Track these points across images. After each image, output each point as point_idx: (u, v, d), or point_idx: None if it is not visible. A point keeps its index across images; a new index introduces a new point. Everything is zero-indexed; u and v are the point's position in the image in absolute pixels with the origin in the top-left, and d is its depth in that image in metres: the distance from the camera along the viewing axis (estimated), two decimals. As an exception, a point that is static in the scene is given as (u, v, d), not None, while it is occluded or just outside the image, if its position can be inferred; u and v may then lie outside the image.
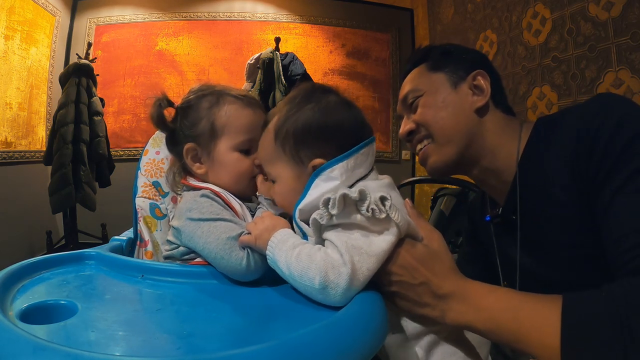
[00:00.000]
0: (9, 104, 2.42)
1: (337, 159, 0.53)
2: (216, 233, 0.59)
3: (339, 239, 0.48)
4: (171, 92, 3.27)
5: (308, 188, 0.53)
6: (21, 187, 2.52)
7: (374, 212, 0.47)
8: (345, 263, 0.46)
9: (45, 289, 0.53)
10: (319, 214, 0.48)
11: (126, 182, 1.26)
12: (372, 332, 0.43)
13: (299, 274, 0.47)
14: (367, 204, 0.48)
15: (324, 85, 0.60)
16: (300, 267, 0.47)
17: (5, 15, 2.34)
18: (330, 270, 0.46)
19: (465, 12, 2.56)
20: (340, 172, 0.53)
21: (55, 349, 0.34)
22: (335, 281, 0.46)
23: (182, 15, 3.16)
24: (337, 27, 3.30)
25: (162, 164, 0.94)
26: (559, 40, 1.77)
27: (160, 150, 0.95)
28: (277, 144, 0.57)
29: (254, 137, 0.72)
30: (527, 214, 0.63)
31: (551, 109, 1.84)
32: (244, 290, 0.57)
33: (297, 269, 0.48)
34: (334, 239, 0.48)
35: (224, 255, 0.56)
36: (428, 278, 0.50)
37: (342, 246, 0.47)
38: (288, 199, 0.57)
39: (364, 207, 0.48)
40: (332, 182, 0.52)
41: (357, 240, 0.48)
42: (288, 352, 0.36)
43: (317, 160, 0.55)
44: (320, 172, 0.53)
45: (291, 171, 0.57)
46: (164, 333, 0.43)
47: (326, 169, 0.53)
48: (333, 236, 0.49)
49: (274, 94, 2.32)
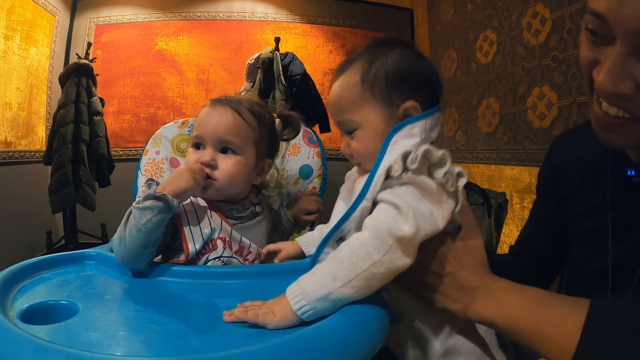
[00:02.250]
0: (8, 104, 2.42)
1: (420, 115, 0.51)
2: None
3: (397, 195, 0.46)
4: (171, 92, 3.29)
5: (386, 145, 0.50)
6: (21, 187, 2.52)
7: (447, 182, 0.46)
8: (406, 217, 0.44)
9: (46, 289, 0.53)
10: (394, 166, 0.46)
11: (126, 182, 1.27)
12: (372, 333, 0.43)
13: (351, 272, 0.43)
14: (445, 170, 0.46)
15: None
16: (345, 263, 0.44)
17: (5, 15, 2.34)
18: (386, 233, 0.43)
19: (465, 12, 2.56)
20: (420, 130, 0.51)
21: (56, 350, 0.34)
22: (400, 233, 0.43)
23: (182, 15, 3.16)
24: (337, 27, 3.30)
25: (162, 164, 0.94)
26: (559, 40, 1.77)
27: (160, 150, 0.95)
28: (364, 87, 0.54)
29: (202, 133, 0.74)
30: None
31: (551, 109, 1.84)
32: (244, 289, 0.57)
33: (343, 272, 0.43)
34: (393, 198, 0.45)
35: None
36: (456, 269, 0.50)
37: (402, 204, 0.45)
38: (371, 146, 0.53)
39: (440, 172, 0.46)
40: (412, 140, 0.50)
41: (419, 203, 0.46)
42: (288, 352, 0.36)
43: (410, 102, 0.52)
44: (400, 127, 0.50)
45: (380, 115, 0.53)
46: (164, 333, 0.43)
47: (407, 125, 0.50)
48: (391, 196, 0.46)
49: (273, 93, 2.32)
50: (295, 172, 0.98)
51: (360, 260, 0.43)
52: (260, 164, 0.79)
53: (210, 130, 0.72)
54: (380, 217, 0.46)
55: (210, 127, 0.73)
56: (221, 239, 0.68)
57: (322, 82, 3.16)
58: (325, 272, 0.44)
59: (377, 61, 0.54)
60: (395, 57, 0.54)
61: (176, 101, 3.06)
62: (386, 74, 0.53)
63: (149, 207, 0.60)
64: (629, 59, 0.41)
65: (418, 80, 0.54)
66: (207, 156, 0.71)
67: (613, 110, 0.45)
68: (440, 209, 0.47)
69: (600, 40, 0.44)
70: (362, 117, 0.54)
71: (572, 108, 1.71)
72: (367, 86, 0.53)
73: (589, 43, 0.45)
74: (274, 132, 0.84)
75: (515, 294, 0.47)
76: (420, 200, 0.46)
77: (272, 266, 0.67)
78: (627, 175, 0.57)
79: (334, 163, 2.86)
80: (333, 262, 0.45)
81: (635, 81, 0.41)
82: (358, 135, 0.55)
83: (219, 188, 0.72)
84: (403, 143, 0.49)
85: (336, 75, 0.57)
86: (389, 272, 0.44)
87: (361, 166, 0.58)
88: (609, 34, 0.41)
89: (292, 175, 0.98)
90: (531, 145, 1.99)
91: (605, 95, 0.45)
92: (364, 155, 0.55)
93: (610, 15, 0.40)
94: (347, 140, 0.57)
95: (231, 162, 0.72)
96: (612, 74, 0.42)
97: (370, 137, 0.54)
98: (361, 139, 0.55)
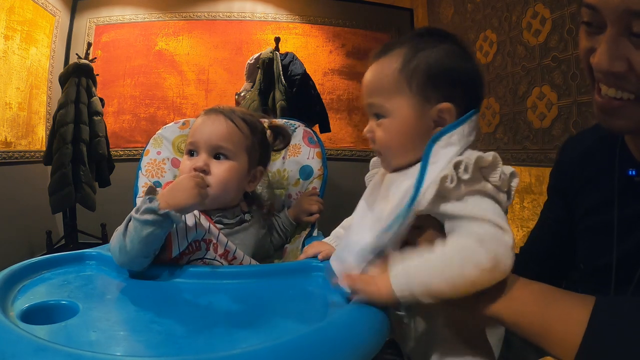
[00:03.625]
0: (8, 104, 2.42)
1: (457, 122, 0.50)
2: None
3: (480, 208, 0.45)
4: (171, 92, 3.28)
5: (427, 156, 0.48)
6: (21, 187, 2.52)
7: (502, 183, 0.46)
8: (505, 230, 0.44)
9: (46, 289, 0.53)
10: (449, 177, 0.45)
11: (126, 182, 1.27)
12: (373, 332, 0.43)
13: (457, 273, 0.43)
14: (498, 172, 0.46)
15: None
16: (455, 264, 0.44)
17: (5, 15, 2.34)
18: (495, 244, 0.43)
19: (465, 12, 2.56)
20: (459, 137, 0.49)
21: (56, 350, 0.34)
22: (504, 253, 0.43)
23: (182, 15, 3.16)
24: (336, 27, 3.30)
25: (163, 164, 0.94)
26: (559, 40, 1.77)
27: (161, 150, 0.95)
28: (401, 76, 0.52)
29: (195, 140, 0.75)
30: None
31: (551, 109, 1.84)
32: (244, 289, 0.57)
33: (450, 271, 0.44)
34: (472, 210, 0.45)
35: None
36: None
37: (488, 213, 0.45)
38: (396, 141, 0.52)
39: (495, 175, 0.46)
40: (451, 148, 0.48)
41: (493, 206, 0.46)
42: (288, 352, 0.36)
43: (445, 104, 0.51)
44: (439, 137, 0.49)
45: (412, 109, 0.51)
46: (164, 333, 0.43)
47: (445, 134, 0.49)
48: (466, 208, 0.46)
49: (273, 93, 2.32)
50: (295, 172, 0.98)
51: (469, 265, 0.43)
52: (252, 171, 0.80)
53: (204, 137, 0.74)
54: (478, 227, 0.45)
55: (204, 134, 0.74)
56: (205, 241, 0.69)
57: (322, 82, 3.16)
58: (433, 265, 0.45)
59: (421, 52, 0.52)
60: (440, 51, 0.52)
61: (176, 101, 3.06)
62: (427, 68, 0.51)
63: (150, 221, 0.58)
64: (620, 39, 0.45)
65: (459, 80, 0.52)
66: (200, 162, 0.73)
67: (612, 91, 0.48)
68: (501, 207, 0.48)
69: (595, 30, 0.48)
70: (394, 107, 0.52)
71: (572, 108, 1.71)
72: (404, 76, 0.52)
73: (586, 34, 0.50)
74: (265, 141, 0.85)
75: (522, 289, 0.47)
76: (489, 203, 0.46)
77: (272, 266, 0.67)
78: (630, 175, 0.58)
79: (334, 163, 2.87)
80: (442, 259, 0.45)
81: (627, 60, 0.45)
82: (385, 125, 0.53)
83: (212, 195, 0.71)
84: (444, 153, 0.48)
85: (375, 57, 0.55)
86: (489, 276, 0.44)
87: (382, 157, 0.56)
88: (602, 22, 0.46)
89: (293, 176, 0.98)
90: (531, 145, 1.99)
91: (602, 77, 0.48)
92: (386, 148, 0.54)
93: (599, 4, 0.45)
94: (372, 124, 0.55)
95: (224, 167, 0.74)
96: (606, 54, 0.46)
97: (396, 129, 0.52)
98: (387, 130, 0.53)
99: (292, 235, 0.93)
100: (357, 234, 0.54)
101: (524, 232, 1.95)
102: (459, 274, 0.43)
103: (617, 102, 0.48)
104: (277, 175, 0.99)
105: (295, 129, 1.02)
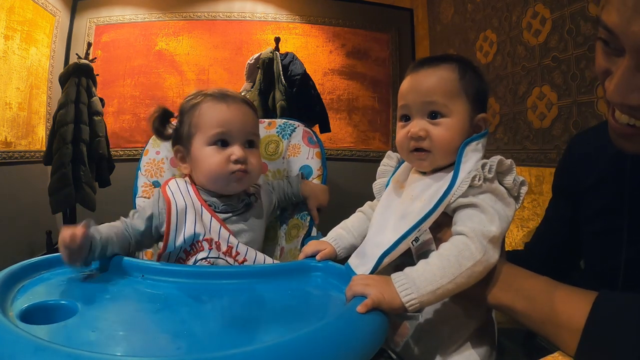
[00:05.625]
0: (8, 104, 2.42)
1: (482, 134, 0.59)
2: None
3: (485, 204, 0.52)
4: (171, 92, 3.28)
5: (461, 156, 0.56)
6: (21, 187, 2.52)
7: (513, 188, 0.54)
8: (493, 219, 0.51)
9: (46, 289, 0.53)
10: (478, 175, 0.52)
11: (126, 182, 1.27)
12: (371, 333, 0.43)
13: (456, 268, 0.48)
14: (512, 177, 0.54)
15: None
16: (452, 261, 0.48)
17: (5, 15, 2.34)
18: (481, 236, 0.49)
19: (465, 12, 2.56)
20: (482, 145, 0.58)
21: (55, 349, 0.34)
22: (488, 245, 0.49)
23: (182, 15, 3.15)
24: (336, 27, 3.30)
25: (162, 164, 0.94)
26: (559, 40, 1.77)
27: (160, 150, 0.96)
28: (461, 85, 0.59)
29: (228, 130, 0.75)
30: None
31: (551, 109, 1.84)
32: (243, 289, 0.57)
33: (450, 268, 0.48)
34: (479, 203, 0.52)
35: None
36: None
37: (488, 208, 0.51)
38: (455, 138, 0.58)
39: (509, 179, 0.54)
40: (477, 154, 0.57)
41: (497, 205, 0.52)
42: (288, 352, 0.36)
43: (484, 114, 0.61)
44: (471, 141, 0.57)
45: (466, 114, 0.59)
46: (164, 333, 0.43)
47: (474, 140, 0.57)
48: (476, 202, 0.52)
49: (273, 93, 2.31)
50: (295, 172, 0.98)
51: (465, 260, 0.48)
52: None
53: (238, 127, 0.76)
54: (474, 221, 0.51)
55: (237, 124, 0.76)
56: (207, 241, 0.69)
57: (322, 82, 3.16)
58: (434, 269, 0.48)
59: (469, 70, 0.60)
60: (479, 73, 0.62)
61: (176, 101, 3.05)
62: (476, 84, 0.60)
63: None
64: (637, 73, 0.42)
65: (486, 98, 0.62)
66: (240, 152, 0.75)
67: (625, 118, 0.47)
68: (509, 209, 0.54)
69: (612, 51, 0.45)
70: (455, 108, 0.58)
71: (572, 108, 1.71)
72: (462, 85, 0.59)
73: (602, 53, 0.47)
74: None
75: (529, 279, 0.50)
76: (496, 203, 0.53)
77: (271, 266, 0.67)
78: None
79: (334, 163, 2.88)
80: (441, 260, 0.48)
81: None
82: (446, 124, 0.58)
83: (251, 180, 0.79)
84: (471, 156, 0.56)
85: (425, 65, 0.61)
86: (485, 269, 0.49)
87: (428, 155, 0.59)
88: (620, 46, 0.43)
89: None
90: (531, 145, 1.99)
91: (615, 106, 0.48)
92: (442, 146, 0.58)
93: (619, 31, 0.41)
94: (424, 123, 0.59)
95: (256, 155, 0.79)
96: (620, 87, 0.44)
97: (456, 128, 0.58)
98: (449, 128, 0.58)
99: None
100: (382, 234, 0.57)
101: (524, 232, 1.95)
102: (457, 269, 0.47)
103: (630, 129, 0.47)
104: (277, 175, 0.99)
105: (295, 129, 1.02)
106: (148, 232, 0.72)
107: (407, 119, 0.61)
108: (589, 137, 0.73)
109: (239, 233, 0.74)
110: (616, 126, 0.49)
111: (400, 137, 0.61)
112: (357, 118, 3.23)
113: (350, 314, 0.44)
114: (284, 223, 0.95)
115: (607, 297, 0.43)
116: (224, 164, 0.73)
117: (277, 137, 1.01)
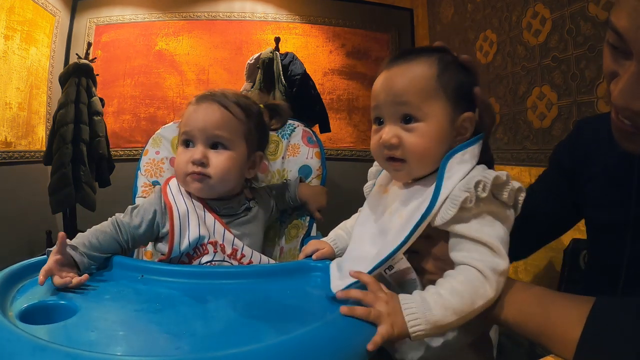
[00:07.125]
0: (8, 104, 2.42)
1: (471, 141, 0.52)
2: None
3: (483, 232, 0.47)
4: (171, 92, 3.29)
5: (443, 170, 0.50)
6: (21, 187, 2.52)
7: (509, 198, 0.49)
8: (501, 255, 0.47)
9: (46, 289, 0.53)
10: (468, 195, 0.47)
11: (126, 182, 1.27)
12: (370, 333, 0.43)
13: (469, 307, 0.46)
14: (509, 189, 0.49)
15: None
16: (466, 300, 0.46)
17: (5, 15, 2.34)
18: (495, 275, 0.47)
19: (465, 12, 2.56)
20: (471, 156, 0.51)
21: (55, 349, 0.34)
22: (503, 280, 0.47)
23: (182, 15, 3.15)
24: (336, 27, 3.30)
25: (162, 164, 0.94)
26: (559, 40, 1.77)
27: (160, 150, 0.95)
28: (439, 82, 0.52)
29: (191, 130, 0.72)
30: None
31: (551, 109, 1.84)
32: (243, 289, 0.57)
33: (462, 306, 0.45)
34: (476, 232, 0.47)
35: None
36: None
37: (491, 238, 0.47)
38: (431, 146, 0.52)
39: (505, 193, 0.49)
40: (465, 165, 0.50)
41: (498, 229, 0.49)
42: (288, 352, 0.36)
43: (469, 113, 0.53)
44: (453, 154, 0.51)
45: (446, 115, 0.52)
46: (164, 333, 0.43)
47: (459, 152, 0.51)
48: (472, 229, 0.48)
49: (273, 93, 2.31)
50: (294, 172, 0.98)
51: (479, 299, 0.46)
52: (251, 157, 0.79)
53: (199, 127, 0.72)
54: (481, 252, 0.47)
55: (198, 124, 0.72)
56: (212, 244, 0.69)
57: (322, 82, 3.16)
58: (447, 304, 0.45)
59: (451, 64, 0.54)
60: (462, 67, 0.55)
61: (176, 101, 3.05)
62: (459, 78, 0.53)
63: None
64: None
65: (471, 94, 0.55)
66: (198, 154, 0.71)
67: (627, 121, 0.47)
68: (508, 222, 0.50)
69: (620, 54, 0.45)
70: (430, 111, 0.52)
71: (572, 108, 1.71)
72: (441, 83, 0.52)
73: (610, 55, 0.47)
74: (262, 124, 0.83)
75: (524, 292, 0.49)
76: (494, 224, 0.49)
77: (271, 266, 0.67)
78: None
79: (334, 163, 2.87)
80: (453, 296, 0.46)
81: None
82: (420, 129, 0.52)
83: (212, 185, 0.71)
84: (457, 169, 0.50)
85: (400, 60, 0.55)
86: (491, 304, 0.47)
87: (404, 165, 0.54)
88: (628, 49, 0.43)
89: (292, 176, 0.98)
90: (531, 146, 1.99)
91: (618, 110, 0.47)
92: (417, 155, 0.52)
93: (628, 35, 0.41)
94: (396, 129, 0.53)
95: (223, 158, 0.72)
96: (625, 92, 0.43)
97: (432, 135, 0.52)
98: (424, 135, 0.52)
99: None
100: (360, 247, 0.55)
101: (524, 232, 1.94)
102: (469, 306, 0.45)
103: (632, 130, 0.47)
104: (277, 175, 0.99)
105: (294, 129, 1.02)
106: (148, 231, 0.71)
107: (381, 122, 0.55)
108: (603, 122, 0.72)
109: (240, 237, 0.74)
110: (618, 123, 0.49)
111: (373, 143, 0.56)
112: (357, 118, 3.23)
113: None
114: (283, 223, 0.96)
115: (602, 306, 0.42)
116: (184, 164, 0.72)
117: (277, 137, 1.01)
